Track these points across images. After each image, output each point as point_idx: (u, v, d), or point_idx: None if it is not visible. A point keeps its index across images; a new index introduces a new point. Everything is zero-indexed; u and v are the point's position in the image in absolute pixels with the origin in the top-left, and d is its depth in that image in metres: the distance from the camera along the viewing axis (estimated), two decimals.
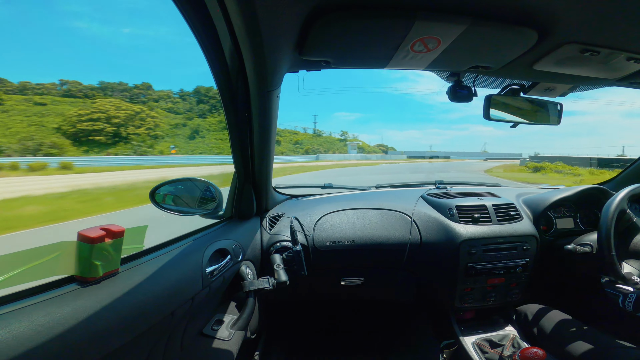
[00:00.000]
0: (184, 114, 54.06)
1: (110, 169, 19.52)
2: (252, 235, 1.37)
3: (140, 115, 45.99)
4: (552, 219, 1.57)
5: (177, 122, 49.66)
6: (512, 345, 1.42)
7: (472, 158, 66.18)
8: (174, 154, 40.11)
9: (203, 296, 0.91)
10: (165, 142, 45.39)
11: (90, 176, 15.17)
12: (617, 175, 1.84)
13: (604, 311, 1.46)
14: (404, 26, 0.79)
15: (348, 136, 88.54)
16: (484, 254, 1.39)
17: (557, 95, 1.37)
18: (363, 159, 50.74)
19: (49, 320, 0.51)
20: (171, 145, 44.47)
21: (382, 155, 66.53)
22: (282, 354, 1.72)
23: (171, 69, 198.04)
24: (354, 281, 1.52)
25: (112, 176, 15.51)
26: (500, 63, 1.04)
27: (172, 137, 46.31)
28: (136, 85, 61.08)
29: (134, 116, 44.73)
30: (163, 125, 48.31)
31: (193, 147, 46.30)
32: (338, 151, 67.32)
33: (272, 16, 0.71)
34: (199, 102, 60.41)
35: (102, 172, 18.00)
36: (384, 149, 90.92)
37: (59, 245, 0.59)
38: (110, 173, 17.40)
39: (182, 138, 47.88)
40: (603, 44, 0.90)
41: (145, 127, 45.70)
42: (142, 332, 0.67)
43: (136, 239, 0.77)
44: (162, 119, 49.18)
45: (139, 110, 46.92)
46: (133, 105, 49.06)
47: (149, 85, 59.69)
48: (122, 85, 59.93)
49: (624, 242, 1.19)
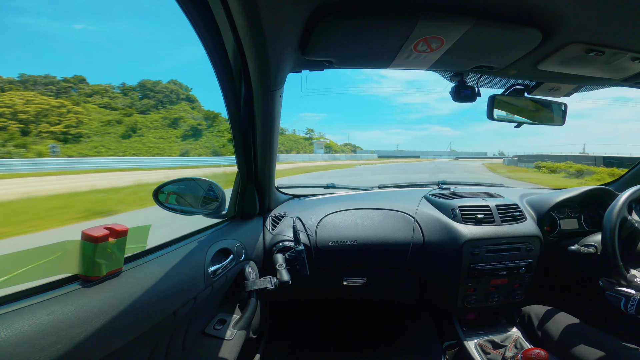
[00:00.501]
0: (121, 109, 47.04)
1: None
2: (254, 235, 1.37)
3: (60, 110, 39.90)
4: (556, 219, 1.56)
5: (111, 118, 44.19)
6: (514, 346, 1.41)
7: (442, 157, 63.87)
8: (55, 158, 25.98)
9: (205, 296, 0.92)
10: (91, 141, 38.92)
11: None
12: (622, 176, 1.83)
13: (607, 312, 1.45)
14: (407, 26, 0.78)
15: (314, 134, 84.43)
16: (487, 255, 1.39)
17: (561, 96, 1.36)
18: (331, 159, 46.77)
19: (52, 319, 0.52)
20: (51, 145, 33.11)
21: (352, 155, 62.95)
22: (283, 353, 1.73)
23: (124, 64, 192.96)
24: (356, 281, 1.52)
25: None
26: (504, 63, 1.03)
27: (102, 135, 39.95)
28: (65, 78, 53.39)
29: (48, 111, 38.71)
30: (92, 123, 42.26)
31: (125, 148, 39.89)
32: (302, 151, 63.70)
33: (275, 16, 0.71)
34: (144, 97, 54.44)
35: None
36: (352, 149, 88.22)
37: (63, 244, 0.59)
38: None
39: (115, 137, 41.27)
40: (608, 43, 0.89)
41: (65, 124, 39.34)
42: (144, 332, 0.67)
43: (139, 238, 0.77)
44: (91, 115, 42.53)
45: (58, 104, 40.78)
46: (50, 99, 42.45)
47: (83, 78, 53.67)
48: (49, 78, 51.81)
49: (628, 249, 1.18)
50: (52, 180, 12.21)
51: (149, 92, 55.67)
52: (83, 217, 5.96)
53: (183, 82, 78.70)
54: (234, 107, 1.07)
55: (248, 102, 1.06)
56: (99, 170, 17.94)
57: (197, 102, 60.98)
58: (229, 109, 1.06)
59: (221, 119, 50.76)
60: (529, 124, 1.32)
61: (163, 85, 58.47)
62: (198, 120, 49.99)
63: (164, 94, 56.32)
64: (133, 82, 58.85)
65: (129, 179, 12.29)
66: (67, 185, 10.49)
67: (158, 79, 66.88)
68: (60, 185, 10.49)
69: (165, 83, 60.00)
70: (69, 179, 12.83)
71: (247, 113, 1.10)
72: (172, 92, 57.98)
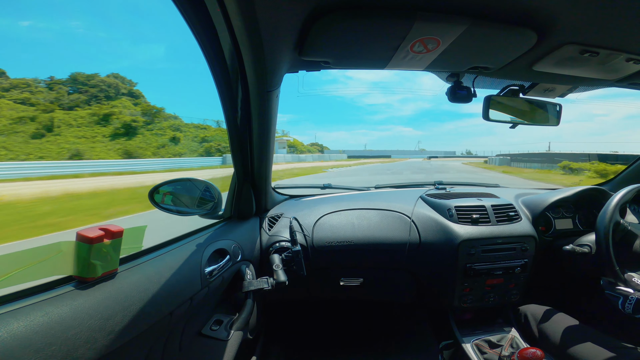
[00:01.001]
0: (42, 105, 38.71)
1: None
2: (251, 236, 1.37)
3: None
4: (551, 219, 1.57)
5: (25, 115, 36.12)
6: (510, 346, 1.42)
7: (414, 157, 61.34)
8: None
9: (202, 296, 0.91)
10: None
11: None
12: (616, 176, 1.84)
13: (603, 312, 1.46)
14: (403, 27, 0.79)
15: (276, 132, 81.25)
16: (482, 255, 1.39)
17: (556, 96, 1.37)
18: (295, 160, 42.07)
19: (47, 320, 0.51)
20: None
21: (320, 156, 58.07)
22: (281, 354, 1.72)
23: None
24: (353, 281, 1.52)
25: None
26: (500, 64, 1.04)
27: (7, 135, 32.90)
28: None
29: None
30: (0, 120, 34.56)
31: (32, 150, 32.07)
32: None
33: (272, 16, 0.71)
34: (75, 91, 46.87)
35: None
36: (319, 148, 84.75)
37: (58, 245, 0.59)
38: None
39: (24, 137, 32.98)
40: (603, 44, 0.90)
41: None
42: (140, 333, 0.67)
43: (135, 239, 0.77)
44: (1, 112, 35.65)
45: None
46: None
47: (3, 71, 44.64)
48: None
49: (622, 251, 1.19)
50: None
51: (81, 87, 48.45)
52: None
53: (133, 79, 69.00)
54: (231, 108, 1.06)
55: (244, 102, 1.06)
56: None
57: (142, 98, 52.05)
58: (226, 109, 1.06)
59: (165, 115, 43.37)
60: (524, 124, 1.33)
61: (100, 79, 50.61)
62: (134, 116, 42.01)
63: (99, 88, 49.04)
64: (64, 76, 48.98)
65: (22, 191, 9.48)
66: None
67: (95, 72, 55.13)
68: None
69: (104, 77, 51.33)
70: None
71: (243, 113, 1.10)
72: (110, 87, 50.15)
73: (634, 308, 1.05)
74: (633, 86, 1.26)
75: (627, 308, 1.06)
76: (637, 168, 1.70)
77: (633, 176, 1.72)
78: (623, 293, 1.09)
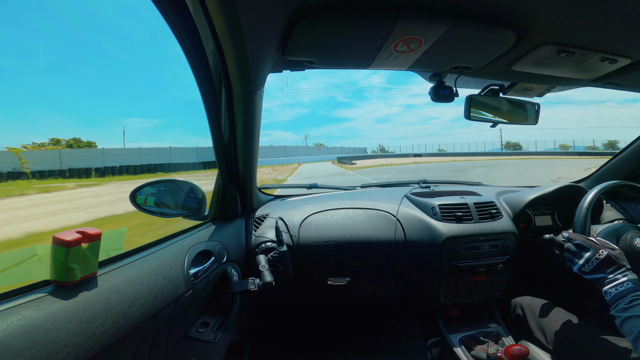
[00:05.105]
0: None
1: None
2: (236, 236, 1.35)
3: None
4: (531, 216, 1.61)
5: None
6: (496, 342, 1.45)
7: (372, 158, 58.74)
8: None
9: (187, 298, 0.90)
10: None
11: None
12: (592, 174, 1.90)
13: (595, 303, 1.50)
14: (387, 27, 0.79)
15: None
16: (466, 252, 1.42)
17: (534, 96, 1.41)
18: None
19: (24, 324, 0.50)
20: None
21: None
22: (270, 355, 1.71)
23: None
24: (340, 281, 1.52)
25: None
26: (481, 63, 1.06)
27: None
28: None
29: None
30: None
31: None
32: None
33: (255, 16, 0.70)
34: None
35: None
36: None
37: (32, 249, 0.57)
38: None
39: None
40: (578, 44, 0.92)
41: None
42: (123, 336, 0.66)
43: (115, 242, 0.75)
44: None
45: None
46: None
47: None
48: None
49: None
50: None
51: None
52: None
53: None
54: (214, 108, 1.05)
55: (228, 102, 1.05)
56: None
57: None
58: (208, 109, 1.05)
59: None
60: (504, 123, 1.36)
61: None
62: None
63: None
64: None
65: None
66: None
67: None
68: None
69: None
70: None
71: (227, 113, 1.09)
72: None
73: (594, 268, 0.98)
74: (609, 85, 1.30)
75: (586, 268, 1.00)
76: (612, 165, 1.76)
77: (609, 173, 1.78)
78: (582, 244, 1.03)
